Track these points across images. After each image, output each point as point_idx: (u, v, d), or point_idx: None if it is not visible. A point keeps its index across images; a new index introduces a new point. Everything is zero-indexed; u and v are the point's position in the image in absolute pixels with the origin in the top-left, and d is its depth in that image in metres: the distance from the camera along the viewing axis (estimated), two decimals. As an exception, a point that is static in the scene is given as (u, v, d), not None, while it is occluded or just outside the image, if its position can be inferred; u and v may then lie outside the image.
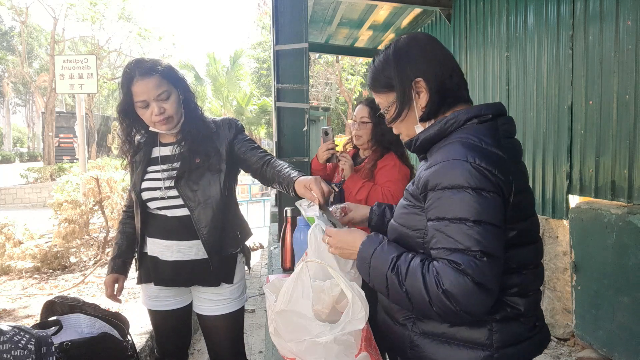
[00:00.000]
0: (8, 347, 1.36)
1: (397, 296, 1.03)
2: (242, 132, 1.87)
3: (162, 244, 1.77)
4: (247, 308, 4.34)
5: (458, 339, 1.07)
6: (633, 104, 2.65)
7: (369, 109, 2.28)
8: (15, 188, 14.17)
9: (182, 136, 1.77)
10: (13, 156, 31.56)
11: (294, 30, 2.37)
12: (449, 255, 0.96)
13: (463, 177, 0.97)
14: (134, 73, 1.65)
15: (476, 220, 0.95)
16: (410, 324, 1.13)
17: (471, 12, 4.48)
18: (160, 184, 1.74)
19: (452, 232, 0.97)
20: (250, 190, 12.55)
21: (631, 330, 2.58)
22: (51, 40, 18.39)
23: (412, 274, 0.99)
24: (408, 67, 1.12)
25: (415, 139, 1.15)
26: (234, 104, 24.13)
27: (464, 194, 0.96)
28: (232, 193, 1.86)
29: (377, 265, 1.06)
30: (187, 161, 1.73)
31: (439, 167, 1.01)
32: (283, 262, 1.93)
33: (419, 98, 1.13)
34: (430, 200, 1.02)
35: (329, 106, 17.34)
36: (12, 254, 4.93)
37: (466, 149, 1.00)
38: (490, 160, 0.98)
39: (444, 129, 1.10)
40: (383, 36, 6.47)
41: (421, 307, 1.00)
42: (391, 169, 2.20)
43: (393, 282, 1.02)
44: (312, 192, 1.47)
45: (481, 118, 1.09)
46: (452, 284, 0.94)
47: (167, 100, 1.68)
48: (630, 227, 2.57)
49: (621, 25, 2.71)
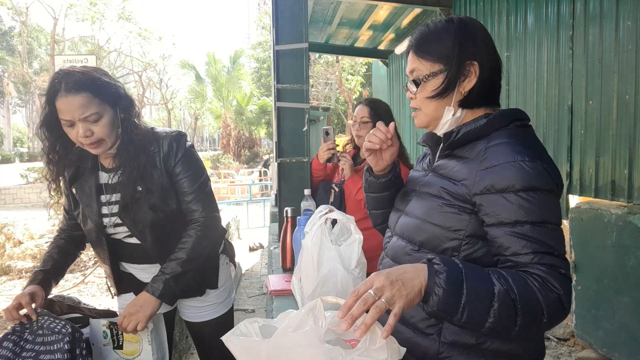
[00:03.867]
0: (47, 336, 1.41)
1: (505, 313, 0.85)
2: (183, 157, 1.58)
3: (133, 267, 1.67)
4: (247, 308, 4.35)
5: (492, 350, 0.99)
6: (633, 104, 2.65)
7: (369, 109, 2.28)
8: (15, 188, 14.18)
9: (120, 161, 1.52)
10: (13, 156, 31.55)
11: (294, 30, 2.37)
12: (545, 260, 0.90)
13: (537, 179, 0.92)
14: (59, 86, 1.38)
15: (557, 222, 0.93)
16: (436, 333, 1.03)
17: (471, 12, 4.48)
18: (108, 219, 1.57)
19: (540, 236, 0.90)
20: (250, 190, 12.55)
21: (631, 330, 2.58)
22: (51, 40, 18.40)
23: (522, 286, 0.87)
24: (471, 46, 1.04)
25: (456, 130, 1.06)
26: (234, 104, 24.13)
27: (542, 196, 0.92)
28: (180, 202, 1.64)
29: (477, 284, 0.86)
30: (129, 191, 1.51)
31: (506, 168, 0.94)
32: (283, 262, 1.93)
33: (466, 81, 1.05)
34: (498, 204, 0.94)
35: (329, 106, 17.32)
36: (12, 254, 4.93)
37: (532, 150, 0.96)
38: (551, 165, 0.97)
39: (490, 125, 1.03)
40: (383, 36, 6.47)
41: (530, 320, 0.86)
42: None
43: (503, 303, 0.85)
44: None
45: (523, 122, 1.05)
46: (563, 288, 0.88)
47: (96, 123, 1.41)
48: (630, 227, 2.57)
49: (621, 25, 2.71)
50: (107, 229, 1.58)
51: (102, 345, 1.52)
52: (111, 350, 1.53)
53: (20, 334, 1.42)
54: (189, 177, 1.57)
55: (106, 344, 1.53)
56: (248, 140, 25.28)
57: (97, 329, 1.53)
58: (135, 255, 1.64)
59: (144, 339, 1.53)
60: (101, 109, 1.42)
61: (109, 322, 1.52)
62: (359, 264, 1.33)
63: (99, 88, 1.42)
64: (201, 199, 1.59)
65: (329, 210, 1.37)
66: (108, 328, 1.52)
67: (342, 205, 2.24)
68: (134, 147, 1.50)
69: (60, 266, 1.64)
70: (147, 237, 1.56)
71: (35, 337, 1.42)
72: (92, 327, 1.53)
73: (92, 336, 1.53)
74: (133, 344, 1.53)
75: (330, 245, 1.31)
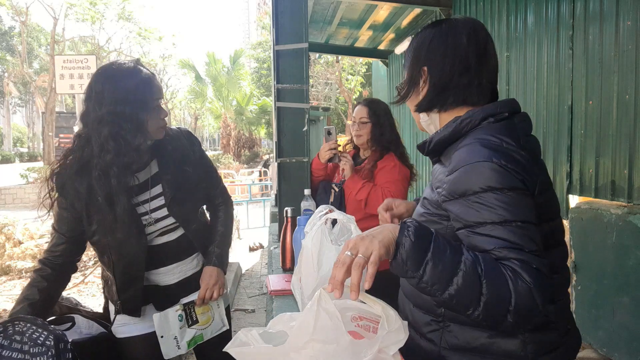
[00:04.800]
0: (28, 346, 1.36)
1: (467, 285, 0.86)
2: (200, 148, 1.76)
3: (161, 272, 1.65)
4: (247, 308, 4.35)
5: (492, 352, 1.00)
6: (633, 104, 2.65)
7: (368, 109, 2.28)
8: (15, 188, 14.18)
9: (158, 154, 1.60)
10: (13, 156, 31.56)
11: (294, 30, 2.37)
12: (513, 255, 0.88)
13: (494, 179, 0.91)
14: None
15: (522, 220, 0.90)
16: (437, 338, 1.05)
17: (471, 12, 4.48)
18: (148, 216, 1.58)
19: (502, 234, 0.89)
20: (250, 190, 12.55)
21: (631, 330, 2.58)
22: (51, 40, 18.40)
23: (488, 263, 0.87)
24: (424, 51, 1.09)
25: (429, 140, 1.09)
26: (234, 104, 24.13)
27: (501, 195, 0.90)
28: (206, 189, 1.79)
29: (442, 247, 0.89)
30: (180, 173, 1.63)
31: (464, 171, 0.94)
32: (283, 262, 1.93)
33: (421, 86, 1.10)
34: (461, 207, 0.94)
35: (329, 106, 17.32)
36: (12, 254, 4.94)
37: (488, 149, 0.94)
38: (514, 160, 0.94)
39: (459, 130, 1.04)
40: (383, 36, 6.47)
41: (495, 301, 0.86)
42: (391, 170, 2.20)
43: (469, 270, 0.86)
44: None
45: (497, 117, 1.03)
46: (535, 281, 0.86)
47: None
48: (630, 227, 2.57)
49: (621, 25, 2.71)
50: (147, 227, 1.57)
51: (179, 329, 1.64)
52: (187, 329, 1.66)
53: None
54: (210, 167, 1.78)
55: (182, 326, 1.65)
56: (248, 140, 25.27)
57: (169, 319, 1.62)
58: (165, 255, 1.65)
59: (214, 306, 1.73)
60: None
61: (182, 305, 1.65)
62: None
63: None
64: (221, 188, 1.83)
65: (329, 210, 1.37)
66: (183, 311, 1.65)
67: (342, 205, 2.24)
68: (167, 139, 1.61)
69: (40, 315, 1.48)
70: (191, 223, 1.66)
71: (12, 342, 1.35)
72: (161, 319, 1.61)
73: (160, 329, 1.60)
74: (206, 314, 1.71)
75: (330, 245, 1.31)
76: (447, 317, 1.03)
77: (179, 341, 1.64)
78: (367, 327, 0.94)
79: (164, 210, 1.59)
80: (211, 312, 1.72)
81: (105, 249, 1.56)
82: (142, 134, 1.47)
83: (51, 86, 16.77)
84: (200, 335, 1.70)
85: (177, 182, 1.60)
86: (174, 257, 1.67)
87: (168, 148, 1.61)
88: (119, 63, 1.51)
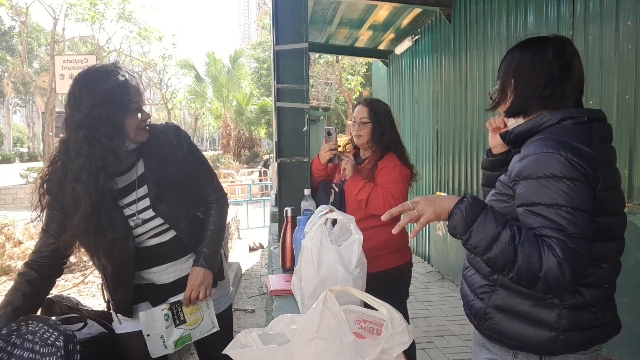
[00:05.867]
0: (39, 346, 1.37)
1: (503, 253, 1.04)
2: (190, 144, 1.70)
3: (154, 271, 1.65)
4: (247, 308, 4.35)
5: (529, 317, 1.16)
6: (633, 104, 2.65)
7: (368, 109, 2.28)
8: (15, 188, 14.17)
9: (139, 154, 1.58)
10: (13, 156, 31.56)
11: (294, 30, 2.37)
12: (554, 234, 1.02)
13: (557, 168, 1.05)
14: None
15: (573, 206, 1.03)
16: (487, 298, 1.24)
17: (471, 12, 4.48)
18: (135, 218, 1.57)
19: (551, 215, 1.04)
20: (250, 190, 12.55)
21: (631, 330, 2.58)
22: (51, 40, 18.39)
23: (529, 238, 1.03)
24: (512, 65, 1.25)
25: (510, 131, 1.25)
26: (234, 104, 24.13)
27: (560, 183, 1.04)
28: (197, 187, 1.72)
29: (487, 221, 1.08)
30: (162, 173, 1.58)
31: (533, 159, 1.09)
32: (283, 262, 1.93)
33: (509, 96, 1.26)
34: (523, 188, 1.10)
35: (329, 106, 17.32)
36: (12, 254, 4.93)
37: (559, 144, 1.08)
38: (580, 156, 1.06)
39: (538, 125, 1.18)
40: (383, 36, 6.47)
41: (526, 269, 1.03)
42: (392, 170, 2.20)
43: (505, 240, 1.04)
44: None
45: (577, 120, 1.15)
46: (567, 257, 0.99)
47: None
48: (630, 227, 2.56)
49: (621, 25, 2.71)
50: (134, 229, 1.56)
51: (165, 328, 1.62)
52: (174, 328, 1.64)
53: (7, 337, 1.36)
54: (201, 164, 1.73)
55: (168, 325, 1.63)
56: (248, 140, 25.27)
57: (155, 317, 1.61)
58: (157, 256, 1.63)
59: (203, 307, 1.69)
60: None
61: (169, 304, 1.63)
62: (359, 264, 1.33)
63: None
64: (215, 184, 1.77)
65: (329, 210, 1.37)
66: (169, 310, 1.63)
67: (342, 206, 2.24)
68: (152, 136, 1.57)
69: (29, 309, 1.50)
70: (180, 222, 1.62)
71: (24, 341, 1.36)
72: (147, 317, 1.59)
73: (146, 327, 1.59)
74: (194, 314, 1.68)
75: (330, 246, 1.31)
76: (499, 283, 1.22)
77: (166, 340, 1.62)
78: (371, 330, 0.96)
79: (150, 211, 1.57)
80: (200, 312, 1.69)
81: (94, 252, 1.56)
82: (120, 135, 1.46)
83: (51, 86, 16.77)
84: (188, 335, 1.67)
85: (161, 181, 1.58)
86: (167, 257, 1.65)
87: (153, 147, 1.58)
88: (97, 67, 1.51)
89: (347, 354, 0.85)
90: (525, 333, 1.16)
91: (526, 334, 1.16)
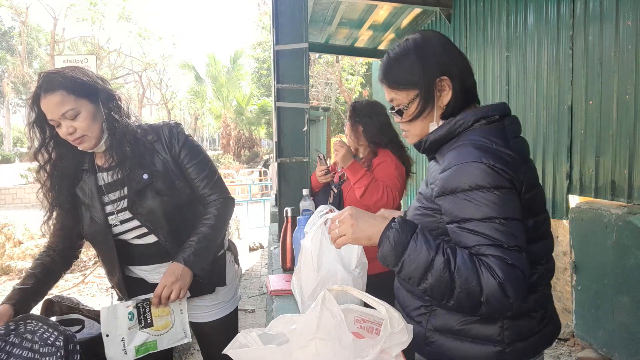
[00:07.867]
0: (38, 346, 1.36)
1: (439, 282, 0.97)
2: (186, 143, 1.63)
3: (143, 269, 1.64)
4: (247, 308, 4.35)
5: (471, 336, 1.10)
6: (633, 104, 2.65)
7: (352, 110, 2.38)
8: (15, 188, 14.19)
9: (116, 156, 1.53)
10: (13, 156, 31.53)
11: (294, 30, 2.37)
12: (491, 251, 0.96)
13: (482, 178, 0.99)
14: (39, 90, 1.42)
15: (505, 217, 0.98)
16: (425, 321, 1.16)
17: (471, 12, 4.48)
18: (114, 217, 1.56)
19: (485, 230, 0.97)
20: (250, 190, 12.55)
21: (631, 330, 2.58)
22: (51, 40, 18.41)
23: (464, 262, 0.96)
24: (433, 64, 1.11)
25: (425, 140, 1.16)
26: (234, 104, 24.13)
27: (488, 194, 0.98)
28: (193, 189, 1.65)
29: (419, 248, 1.00)
30: (135, 179, 1.53)
31: (455, 170, 1.02)
32: (283, 262, 1.93)
33: (441, 96, 1.13)
34: (450, 203, 1.03)
35: (329, 106, 17.31)
36: (12, 254, 4.94)
37: (479, 150, 1.02)
38: (503, 161, 1.01)
39: (453, 130, 1.11)
40: (383, 36, 6.46)
41: (465, 295, 0.96)
42: (388, 165, 2.22)
43: (439, 268, 0.97)
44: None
45: (489, 119, 1.10)
46: (507, 277, 0.94)
47: (75, 119, 1.43)
48: (630, 227, 2.57)
49: (621, 25, 2.71)
50: (114, 227, 1.58)
51: (127, 329, 1.48)
52: (137, 331, 1.50)
53: (6, 337, 1.35)
54: (198, 164, 1.63)
55: (132, 326, 1.49)
56: (248, 140, 25.28)
57: (117, 314, 1.48)
58: (145, 255, 1.63)
59: (176, 311, 1.54)
60: (78, 104, 1.44)
61: (136, 302, 1.50)
62: (359, 264, 1.33)
63: (73, 84, 1.43)
64: (214, 184, 1.65)
65: (328, 210, 1.37)
66: (135, 308, 1.49)
67: (341, 206, 2.24)
68: (124, 138, 1.52)
69: (42, 286, 1.57)
70: (159, 228, 1.56)
71: (23, 340, 1.35)
72: (108, 313, 1.47)
73: (106, 326, 1.47)
74: (164, 318, 1.52)
75: (330, 246, 1.31)
76: (435, 303, 1.14)
77: (126, 344, 1.47)
78: (370, 329, 0.97)
79: (128, 213, 1.56)
80: (171, 317, 1.54)
81: (87, 239, 1.66)
82: (59, 143, 1.53)
83: (51, 86, 16.73)
84: (153, 342, 1.51)
85: (140, 185, 1.53)
86: (155, 259, 1.63)
87: (135, 151, 1.55)
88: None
89: (346, 354, 0.85)
90: (471, 352, 1.10)
91: (472, 353, 1.10)
